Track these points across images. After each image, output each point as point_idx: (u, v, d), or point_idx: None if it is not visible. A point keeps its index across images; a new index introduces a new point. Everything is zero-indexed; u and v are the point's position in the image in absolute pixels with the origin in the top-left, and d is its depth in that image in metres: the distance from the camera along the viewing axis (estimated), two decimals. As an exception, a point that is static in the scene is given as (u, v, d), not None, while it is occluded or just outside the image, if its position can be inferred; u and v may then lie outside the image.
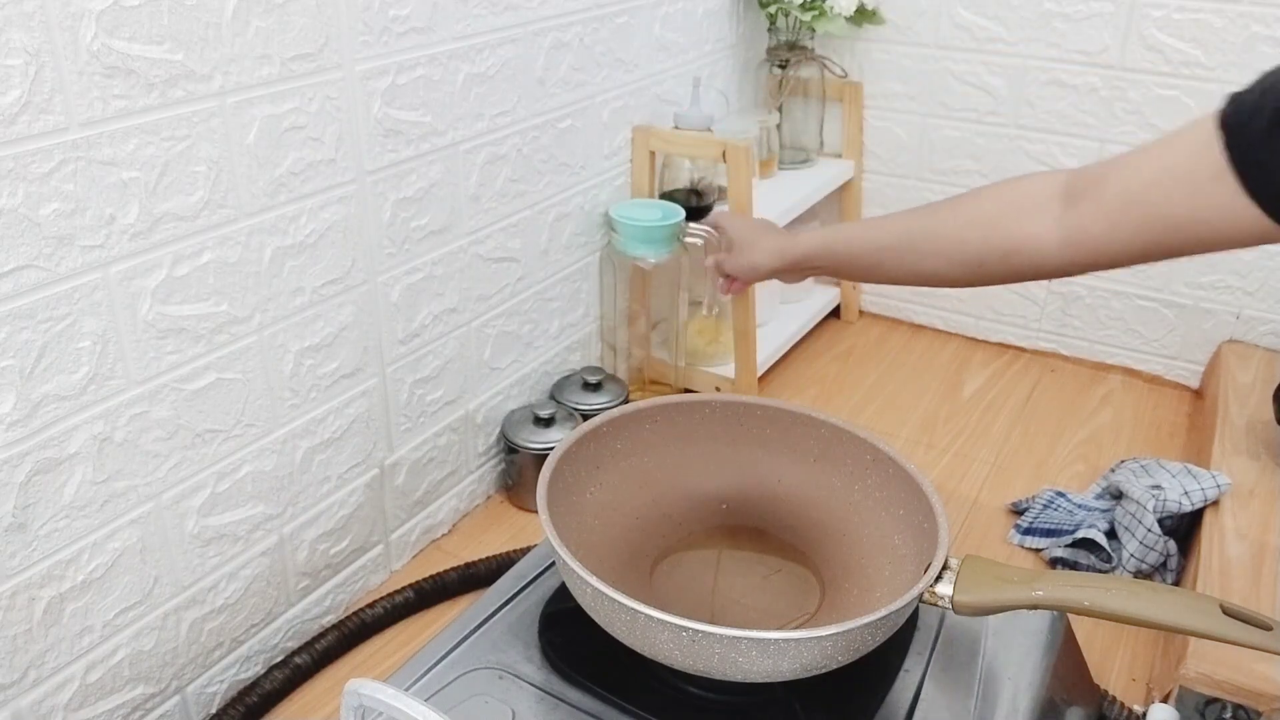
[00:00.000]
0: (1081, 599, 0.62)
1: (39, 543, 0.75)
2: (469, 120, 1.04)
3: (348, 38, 0.88)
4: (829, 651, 0.61)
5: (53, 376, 0.73)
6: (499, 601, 0.76)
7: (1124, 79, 1.40)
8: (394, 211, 0.98)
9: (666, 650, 0.62)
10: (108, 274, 0.75)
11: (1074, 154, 1.48)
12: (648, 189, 1.34)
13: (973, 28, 1.48)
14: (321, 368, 0.95)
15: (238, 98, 0.80)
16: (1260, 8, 1.30)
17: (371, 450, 1.04)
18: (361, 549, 1.08)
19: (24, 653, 0.76)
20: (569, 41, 1.16)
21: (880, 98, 1.59)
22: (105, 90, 0.71)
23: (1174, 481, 1.10)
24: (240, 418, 0.89)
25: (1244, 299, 1.44)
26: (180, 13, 0.74)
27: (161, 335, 0.80)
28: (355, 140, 0.92)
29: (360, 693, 0.53)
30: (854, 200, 1.65)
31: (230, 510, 0.90)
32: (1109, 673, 1.00)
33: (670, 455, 0.82)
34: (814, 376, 1.55)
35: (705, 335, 1.44)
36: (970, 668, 0.72)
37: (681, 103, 1.39)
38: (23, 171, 0.68)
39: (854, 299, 1.72)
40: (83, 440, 0.76)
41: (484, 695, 0.67)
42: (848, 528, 0.78)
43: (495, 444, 1.24)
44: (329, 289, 0.94)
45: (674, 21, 1.35)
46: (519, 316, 1.21)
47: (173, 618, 0.88)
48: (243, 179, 0.83)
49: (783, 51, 1.55)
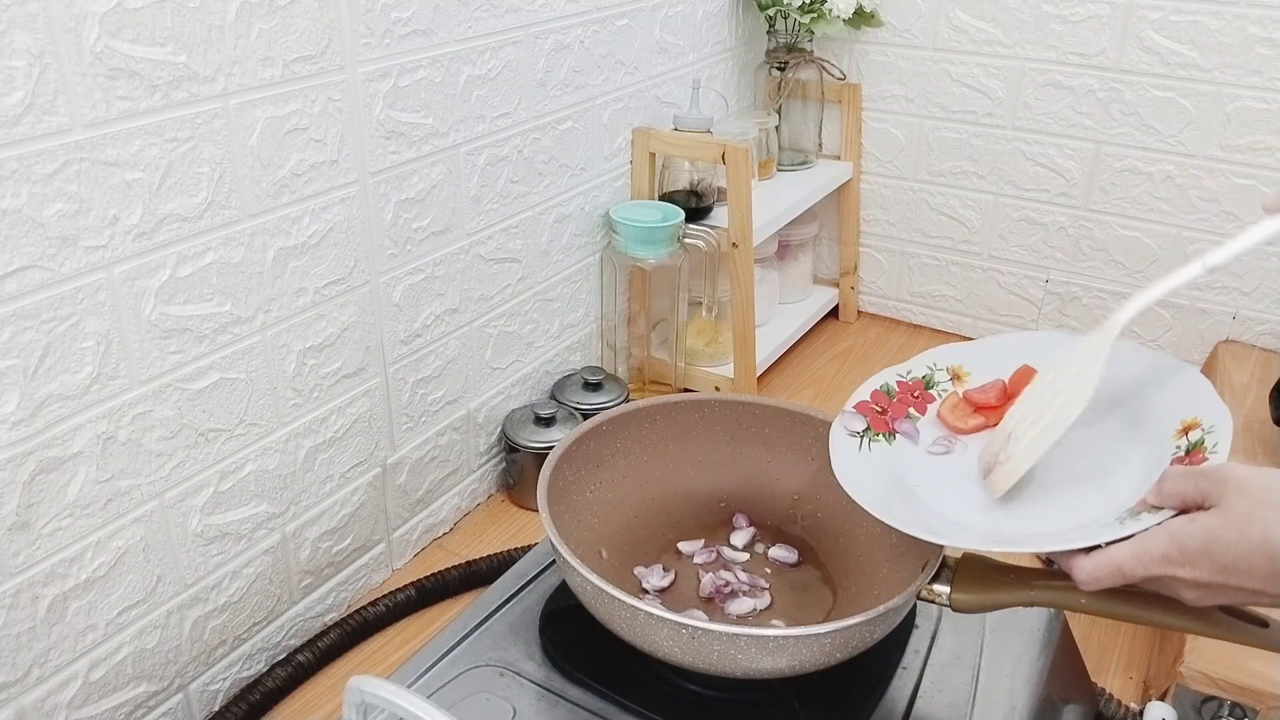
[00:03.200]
0: (1078, 597, 0.62)
1: (42, 541, 0.76)
2: (470, 122, 1.05)
3: (350, 40, 0.89)
4: (827, 649, 0.61)
5: (56, 376, 0.74)
6: (500, 599, 0.76)
7: (1121, 81, 1.41)
8: (396, 212, 0.99)
9: (666, 647, 0.62)
10: (111, 274, 0.75)
11: (1071, 156, 1.48)
12: (648, 190, 1.35)
13: (970, 30, 1.49)
14: (324, 367, 0.96)
15: (241, 99, 0.81)
16: (1257, 9, 1.30)
17: (373, 449, 1.05)
18: (363, 547, 1.08)
19: (27, 650, 0.77)
20: (570, 44, 1.16)
21: (878, 99, 1.60)
22: (109, 92, 0.72)
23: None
24: (243, 417, 0.89)
25: (1240, 299, 1.44)
26: (183, 15, 0.75)
27: (165, 335, 0.80)
28: (357, 142, 0.93)
29: (362, 690, 0.53)
30: (852, 202, 1.66)
31: (233, 509, 0.91)
32: (1106, 671, 1.00)
33: (670, 454, 0.83)
34: (813, 376, 1.56)
35: (704, 335, 1.44)
36: (968, 665, 0.72)
37: (681, 104, 1.40)
38: (26, 172, 0.68)
39: (852, 299, 1.73)
40: (86, 439, 0.77)
41: (485, 692, 0.68)
42: (846, 526, 0.78)
43: (496, 443, 1.24)
44: (331, 289, 0.94)
45: (674, 24, 1.35)
46: (520, 317, 1.21)
47: (175, 616, 0.88)
48: (246, 180, 0.83)
49: (781, 54, 1.55)
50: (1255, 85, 1.34)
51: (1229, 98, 1.36)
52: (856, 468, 0.71)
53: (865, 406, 0.76)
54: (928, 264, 1.66)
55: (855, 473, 0.70)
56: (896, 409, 0.77)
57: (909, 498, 0.69)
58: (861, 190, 1.66)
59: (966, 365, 0.78)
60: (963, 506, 0.68)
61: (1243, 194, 1.39)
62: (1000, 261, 1.60)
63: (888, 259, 1.70)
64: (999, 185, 1.55)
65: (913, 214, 1.64)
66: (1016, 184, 1.54)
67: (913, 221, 1.65)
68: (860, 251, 1.71)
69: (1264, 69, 1.32)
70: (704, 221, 1.36)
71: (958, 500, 0.68)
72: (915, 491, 0.70)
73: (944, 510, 0.68)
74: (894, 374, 0.79)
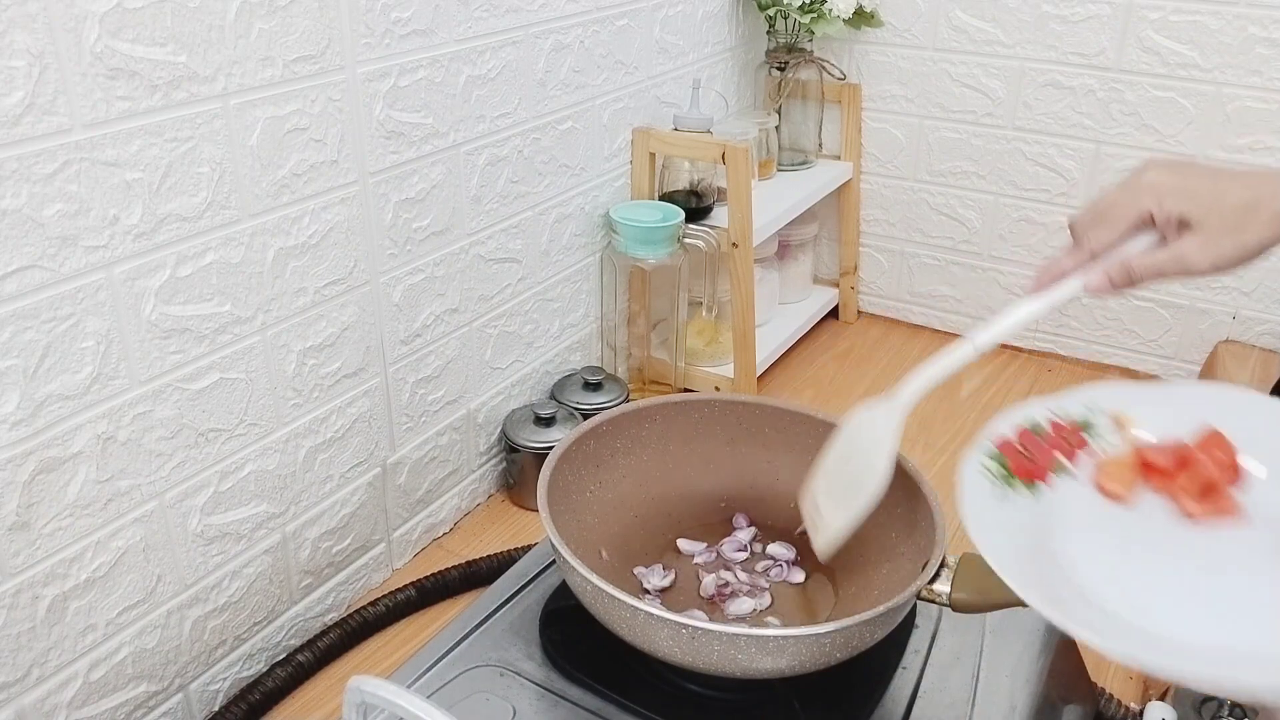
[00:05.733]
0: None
1: (42, 541, 0.76)
2: (470, 122, 1.05)
3: (350, 40, 0.89)
4: (827, 648, 0.61)
5: (56, 376, 0.74)
6: (500, 599, 0.76)
7: (1121, 81, 1.41)
8: (396, 212, 0.99)
9: (666, 647, 0.62)
10: (111, 274, 0.75)
11: (1071, 155, 1.48)
12: (648, 190, 1.35)
13: (970, 30, 1.49)
14: (324, 367, 0.96)
15: (241, 99, 0.81)
16: (1256, 9, 1.30)
17: (373, 449, 1.05)
18: (363, 547, 1.08)
19: (27, 650, 0.77)
20: (570, 44, 1.16)
21: (878, 99, 1.60)
22: (109, 92, 0.72)
23: (1171, 481, 1.10)
24: (243, 417, 0.89)
25: (1240, 299, 1.44)
26: (183, 15, 0.75)
27: (165, 335, 0.80)
28: (357, 142, 0.93)
29: (362, 690, 0.53)
30: (852, 201, 1.66)
31: (233, 509, 0.91)
32: (1106, 670, 1.01)
33: (670, 454, 0.82)
34: (812, 376, 1.56)
35: (704, 335, 1.44)
36: (968, 665, 0.72)
37: (681, 105, 1.40)
38: (26, 172, 0.68)
39: (852, 299, 1.73)
40: (86, 439, 0.77)
41: (485, 692, 0.68)
42: (846, 526, 0.78)
43: (496, 443, 1.24)
44: (331, 289, 0.94)
45: (674, 24, 1.35)
46: (520, 317, 1.21)
47: (175, 616, 0.88)
48: (246, 180, 0.83)
49: (781, 54, 1.55)
50: (1255, 85, 1.34)
51: (1229, 98, 1.36)
52: (994, 523, 0.59)
53: (1009, 446, 0.64)
54: (928, 264, 1.66)
55: (992, 529, 0.58)
56: (1043, 454, 0.64)
57: (1053, 569, 0.58)
58: (861, 190, 1.66)
59: (1133, 412, 0.66)
60: (1130, 596, 0.56)
61: (1243, 194, 1.39)
62: (1000, 261, 1.60)
63: (888, 259, 1.70)
64: (999, 185, 1.55)
65: (913, 214, 1.64)
66: (1016, 184, 1.54)
67: (913, 221, 1.65)
68: (860, 251, 1.71)
69: (1264, 69, 1.32)
70: (704, 221, 1.36)
71: (1118, 583, 0.56)
72: (1058, 560, 0.58)
73: (1106, 598, 0.56)
74: (1045, 410, 0.67)
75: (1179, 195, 0.61)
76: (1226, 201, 0.60)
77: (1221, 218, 0.60)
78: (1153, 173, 0.62)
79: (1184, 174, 0.62)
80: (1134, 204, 0.62)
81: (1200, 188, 0.61)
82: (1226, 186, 0.60)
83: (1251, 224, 0.59)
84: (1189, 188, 0.61)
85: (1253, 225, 0.59)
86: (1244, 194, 0.60)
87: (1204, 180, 0.61)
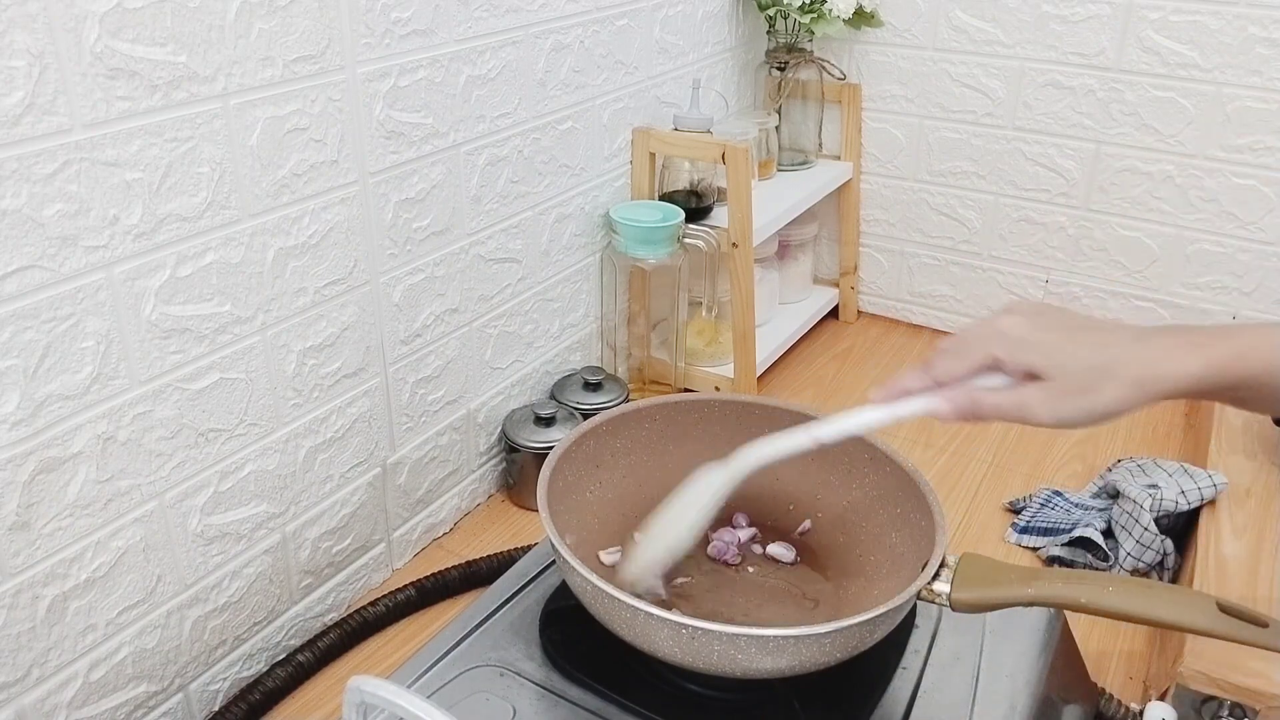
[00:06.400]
0: (1078, 596, 0.62)
1: (42, 541, 0.76)
2: (470, 122, 1.05)
3: (350, 40, 0.89)
4: (827, 648, 0.61)
5: (56, 376, 0.74)
6: (500, 599, 0.76)
7: (1121, 81, 1.41)
8: (396, 212, 0.99)
9: (666, 647, 0.62)
10: (111, 274, 0.75)
11: (1071, 156, 1.48)
12: (648, 190, 1.35)
13: (970, 30, 1.49)
14: (324, 367, 0.96)
15: (241, 99, 0.81)
16: (1257, 9, 1.30)
17: (373, 449, 1.05)
18: (363, 547, 1.08)
19: (27, 651, 0.77)
20: (569, 44, 1.16)
21: (878, 99, 1.60)
22: (109, 92, 0.72)
23: (1171, 481, 1.10)
24: (243, 417, 0.89)
25: (1240, 299, 1.44)
26: (183, 15, 0.75)
27: (165, 335, 0.80)
28: (357, 142, 0.93)
29: (362, 690, 0.53)
30: (852, 202, 1.66)
31: (233, 509, 0.91)
32: (1106, 670, 1.01)
33: (670, 454, 0.82)
34: (812, 376, 1.56)
35: (704, 335, 1.44)
36: (968, 665, 0.72)
37: (681, 105, 1.40)
38: (26, 172, 0.68)
39: (852, 299, 1.73)
40: (86, 439, 0.77)
41: (485, 692, 0.68)
42: (846, 526, 0.79)
43: (496, 443, 1.24)
44: (331, 289, 0.94)
45: (674, 24, 1.35)
46: (520, 317, 1.21)
47: (175, 616, 0.88)
48: (246, 180, 0.83)
49: (781, 54, 1.55)
50: (1255, 85, 1.34)
51: (1229, 98, 1.36)
52: None
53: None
54: (928, 264, 1.66)
55: None
56: None
57: None
58: (861, 190, 1.67)
59: None
60: None
61: (1243, 194, 1.39)
62: (1000, 261, 1.60)
63: (888, 259, 1.70)
64: (999, 185, 1.55)
65: (913, 214, 1.64)
66: (1016, 184, 1.54)
67: (913, 221, 1.65)
68: (860, 251, 1.71)
69: (1264, 69, 1.33)
70: (704, 221, 1.36)
71: None
72: None
73: None
74: None
75: (1030, 348, 0.61)
76: (1077, 362, 0.59)
77: (1069, 377, 0.59)
78: (1009, 319, 0.62)
79: (1041, 325, 0.62)
80: (985, 347, 0.62)
81: (1053, 343, 0.60)
82: (1080, 345, 0.60)
83: (1101, 387, 0.59)
84: (1042, 342, 0.61)
85: (1102, 389, 0.59)
86: (1096, 356, 0.59)
87: (1059, 335, 0.61)
